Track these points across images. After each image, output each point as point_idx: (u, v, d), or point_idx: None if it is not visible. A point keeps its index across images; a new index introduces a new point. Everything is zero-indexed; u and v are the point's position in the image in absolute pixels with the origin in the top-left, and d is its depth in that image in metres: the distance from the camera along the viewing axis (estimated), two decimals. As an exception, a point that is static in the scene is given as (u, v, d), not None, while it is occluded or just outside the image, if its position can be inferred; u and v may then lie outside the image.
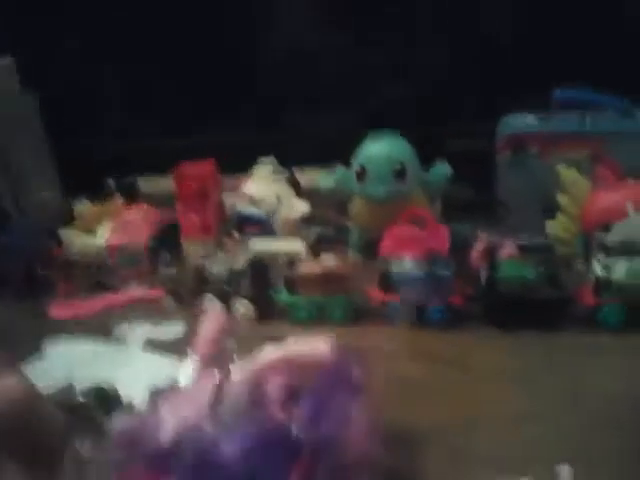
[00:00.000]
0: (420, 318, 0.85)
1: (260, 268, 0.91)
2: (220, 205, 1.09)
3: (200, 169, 1.06)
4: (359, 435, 0.56)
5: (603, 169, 0.84)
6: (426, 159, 1.00)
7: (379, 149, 0.97)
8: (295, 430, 0.53)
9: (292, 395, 0.57)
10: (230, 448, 0.50)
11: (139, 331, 0.90)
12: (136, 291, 1.00)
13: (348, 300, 0.88)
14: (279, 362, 0.59)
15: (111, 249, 1.02)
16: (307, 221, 1.10)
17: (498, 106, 1.02)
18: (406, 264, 0.85)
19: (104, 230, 1.05)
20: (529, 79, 1.06)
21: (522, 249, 0.89)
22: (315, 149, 1.14)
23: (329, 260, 0.88)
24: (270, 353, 0.60)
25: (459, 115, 1.12)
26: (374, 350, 0.76)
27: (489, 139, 1.00)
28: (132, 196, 1.18)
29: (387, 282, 0.85)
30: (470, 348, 0.80)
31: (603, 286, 0.78)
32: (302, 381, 0.58)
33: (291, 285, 0.89)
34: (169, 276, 0.98)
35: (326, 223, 1.14)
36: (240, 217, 1.05)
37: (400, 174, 0.96)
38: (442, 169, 1.00)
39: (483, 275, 0.83)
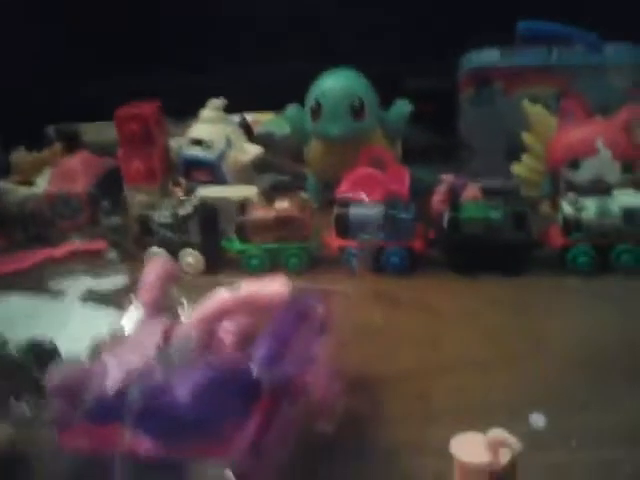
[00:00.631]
0: (379, 263, 0.80)
1: (208, 213, 0.85)
2: (165, 149, 1.03)
3: (142, 110, 0.99)
4: (321, 376, 0.54)
5: (569, 104, 0.80)
6: (385, 99, 0.95)
7: (335, 83, 0.92)
8: (253, 370, 0.49)
9: (247, 338, 0.55)
10: (181, 389, 0.47)
11: (79, 284, 0.85)
12: (76, 244, 0.94)
13: (304, 247, 0.83)
14: (232, 304, 0.56)
15: (49, 199, 0.96)
16: (261, 169, 1.06)
17: (461, 42, 0.97)
18: (363, 207, 0.80)
19: (42, 180, 0.99)
20: (494, 13, 1.01)
21: (487, 191, 0.85)
22: (269, 94, 1.09)
23: (283, 205, 0.83)
24: (222, 296, 0.56)
25: (419, 52, 1.07)
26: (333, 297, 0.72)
27: (451, 76, 0.96)
28: (73, 144, 1.13)
29: (344, 227, 0.80)
30: (433, 293, 0.77)
31: (572, 226, 0.75)
32: (258, 323, 0.56)
33: (243, 232, 0.83)
34: (111, 226, 0.93)
35: (281, 170, 1.10)
36: (187, 161, 0.99)
37: (358, 110, 0.90)
38: (402, 107, 0.95)
39: (445, 217, 0.79)
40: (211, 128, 0.99)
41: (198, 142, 0.98)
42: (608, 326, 0.68)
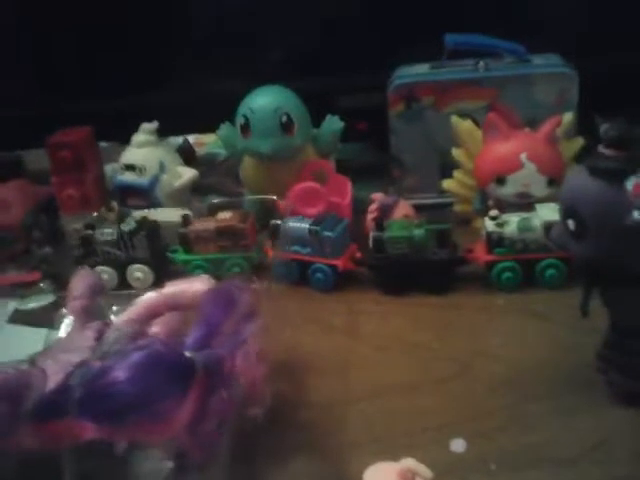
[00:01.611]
0: (304, 278, 0.81)
1: (152, 227, 0.87)
2: (100, 176, 1.02)
3: (74, 137, 0.99)
4: (250, 363, 0.56)
5: (494, 117, 0.79)
6: (318, 118, 0.95)
7: (263, 100, 0.90)
8: (187, 352, 0.52)
9: (177, 336, 0.58)
10: (118, 371, 0.49)
11: (7, 306, 0.85)
12: (11, 275, 0.93)
13: (246, 257, 0.85)
14: (158, 303, 0.61)
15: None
16: (203, 191, 1.05)
17: (393, 58, 0.98)
18: (292, 222, 0.81)
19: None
20: (424, 28, 1.01)
21: (421, 208, 0.86)
22: (206, 114, 1.07)
23: (225, 216, 0.86)
24: (148, 296, 0.61)
25: (350, 69, 1.06)
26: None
27: (383, 93, 0.95)
28: (16, 172, 1.10)
29: (276, 239, 0.83)
30: (358, 313, 0.77)
31: (495, 242, 0.75)
32: (184, 321, 0.60)
33: (186, 243, 0.85)
34: (43, 257, 0.91)
35: (222, 191, 1.10)
36: (121, 186, 0.98)
37: (287, 126, 0.89)
38: (333, 123, 0.94)
39: (371, 237, 0.79)
40: (144, 152, 0.98)
41: (131, 167, 0.97)
42: (534, 344, 0.68)
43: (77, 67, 1.17)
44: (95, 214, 0.96)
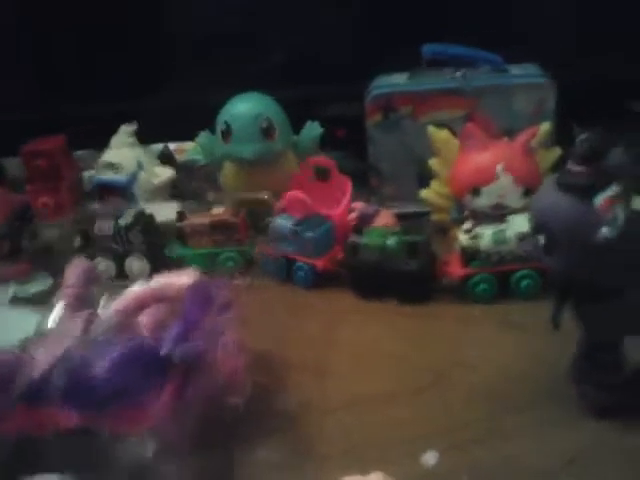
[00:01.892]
0: (288, 275, 0.84)
1: (149, 220, 0.89)
2: (74, 183, 1.02)
3: (48, 145, 0.99)
4: (228, 354, 0.58)
5: (471, 128, 0.79)
6: (296, 126, 0.96)
7: (244, 106, 0.93)
8: (164, 347, 0.54)
9: (163, 327, 0.59)
10: (99, 365, 0.52)
11: (4, 292, 0.87)
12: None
13: (239, 251, 0.87)
14: (145, 296, 0.63)
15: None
16: (181, 196, 1.05)
17: (371, 67, 0.98)
18: (279, 220, 0.84)
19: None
20: (403, 38, 1.02)
21: (401, 218, 0.87)
22: (186, 122, 1.07)
23: (218, 211, 0.89)
24: (136, 289, 0.63)
25: (329, 78, 1.07)
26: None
27: (362, 102, 0.95)
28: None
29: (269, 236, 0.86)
30: (336, 318, 0.78)
31: (470, 255, 0.75)
32: (171, 312, 0.62)
33: (182, 237, 0.88)
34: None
35: (200, 197, 1.10)
36: (99, 185, 0.99)
37: (267, 131, 0.91)
38: (313, 129, 0.96)
39: (347, 242, 0.80)
40: (122, 152, 0.99)
41: (110, 166, 0.97)
42: (508, 355, 0.68)
43: (57, 73, 1.17)
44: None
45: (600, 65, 1.02)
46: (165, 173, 1.02)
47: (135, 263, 0.87)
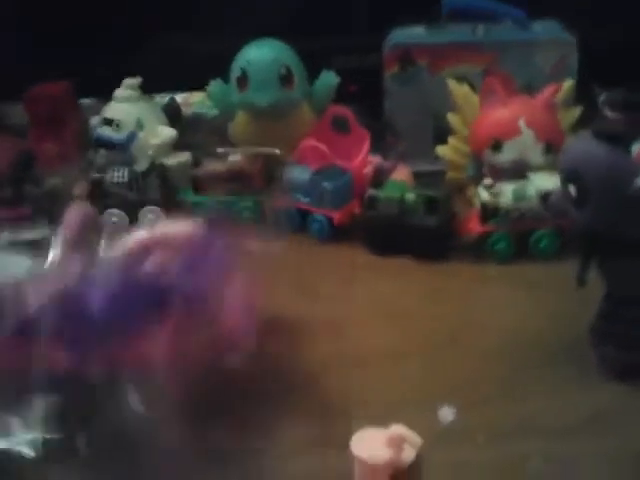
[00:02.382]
0: (303, 226, 0.83)
1: (164, 168, 0.89)
2: (79, 131, 1.00)
3: (52, 90, 0.97)
4: (233, 307, 0.57)
5: (492, 82, 0.78)
6: (311, 77, 0.94)
7: (262, 51, 0.90)
8: (165, 281, 0.54)
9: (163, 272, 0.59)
10: (95, 297, 0.52)
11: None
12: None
13: (255, 200, 0.86)
14: (149, 241, 0.61)
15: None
16: (186, 149, 1.04)
17: (387, 19, 0.96)
18: (297, 170, 0.83)
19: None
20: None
21: (418, 175, 0.85)
22: (195, 72, 1.06)
23: (235, 158, 0.88)
24: (139, 233, 0.62)
25: (345, 29, 1.05)
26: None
27: (377, 55, 0.94)
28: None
29: (285, 186, 0.85)
30: (350, 273, 0.77)
31: (489, 213, 0.74)
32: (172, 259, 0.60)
33: (197, 185, 0.87)
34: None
35: (207, 150, 1.08)
36: (97, 140, 0.96)
37: (286, 79, 0.89)
38: (328, 79, 0.93)
39: (366, 195, 0.79)
40: (123, 107, 0.95)
41: (109, 121, 0.95)
42: (525, 314, 0.68)
43: (66, 21, 1.14)
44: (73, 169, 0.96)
45: (621, 26, 1.01)
46: (166, 133, 0.99)
47: (149, 213, 0.86)
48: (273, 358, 0.63)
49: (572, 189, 0.53)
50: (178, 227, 0.63)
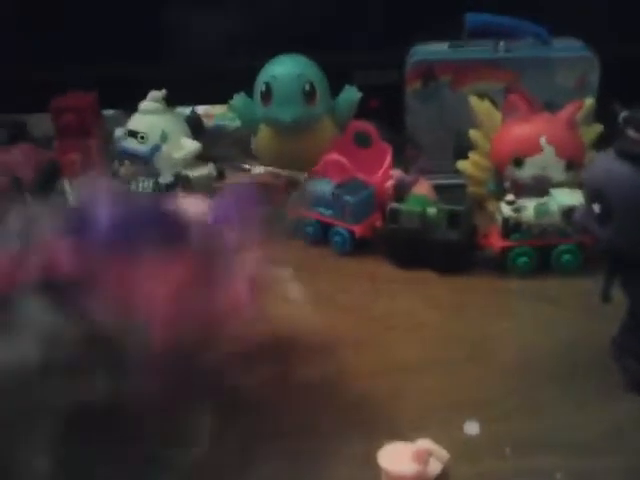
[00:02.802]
0: (324, 239, 0.85)
1: (187, 179, 0.91)
2: (102, 142, 1.02)
3: (78, 101, 0.99)
4: (242, 275, 0.55)
5: (514, 99, 0.80)
6: (332, 91, 0.95)
7: (286, 67, 0.91)
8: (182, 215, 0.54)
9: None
10: (106, 212, 0.50)
11: None
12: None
13: (277, 213, 0.86)
14: None
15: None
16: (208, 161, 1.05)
17: (409, 35, 0.97)
18: (320, 183, 0.85)
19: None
20: (443, 6, 1.01)
21: (439, 189, 0.86)
22: (216, 85, 1.07)
23: (259, 172, 0.92)
24: None
25: (366, 45, 1.06)
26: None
27: (399, 70, 0.95)
28: (19, 135, 1.10)
29: (306, 199, 0.86)
30: (371, 287, 0.78)
31: (511, 228, 0.75)
32: None
33: None
34: None
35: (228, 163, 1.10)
36: (122, 152, 0.98)
37: (310, 95, 0.90)
38: (351, 94, 0.94)
39: (387, 208, 0.80)
40: (148, 120, 0.97)
41: (134, 134, 0.96)
42: (547, 329, 0.69)
43: (87, 31, 1.16)
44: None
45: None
46: (190, 146, 1.00)
47: None
48: (293, 371, 0.64)
49: (595, 207, 0.54)
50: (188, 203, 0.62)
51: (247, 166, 1.00)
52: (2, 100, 1.11)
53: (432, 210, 0.78)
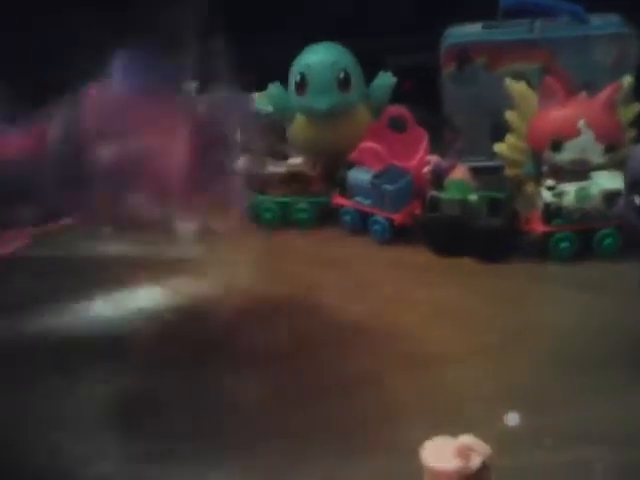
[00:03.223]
0: (364, 228, 0.86)
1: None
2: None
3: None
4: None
5: (551, 82, 0.79)
6: (367, 77, 0.95)
7: (320, 56, 0.92)
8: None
9: None
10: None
11: None
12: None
13: (313, 202, 0.90)
14: None
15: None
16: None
17: (442, 17, 0.97)
18: (359, 172, 0.86)
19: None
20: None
21: (475, 172, 0.86)
22: (253, 73, 1.07)
23: (295, 161, 0.92)
24: None
25: (399, 28, 1.06)
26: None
27: (434, 53, 0.95)
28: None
29: (343, 188, 0.87)
30: (407, 274, 0.78)
31: (552, 213, 0.75)
32: None
33: (259, 185, 0.91)
34: None
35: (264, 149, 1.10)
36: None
37: (344, 83, 0.91)
38: (385, 79, 0.94)
39: (428, 196, 0.81)
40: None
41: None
42: (589, 316, 0.69)
43: (117, 21, 1.17)
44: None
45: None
46: None
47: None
48: (333, 360, 0.65)
49: (636, 199, 0.54)
50: None
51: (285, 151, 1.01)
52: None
53: (473, 197, 0.78)
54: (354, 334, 0.69)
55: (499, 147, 0.88)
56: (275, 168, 0.91)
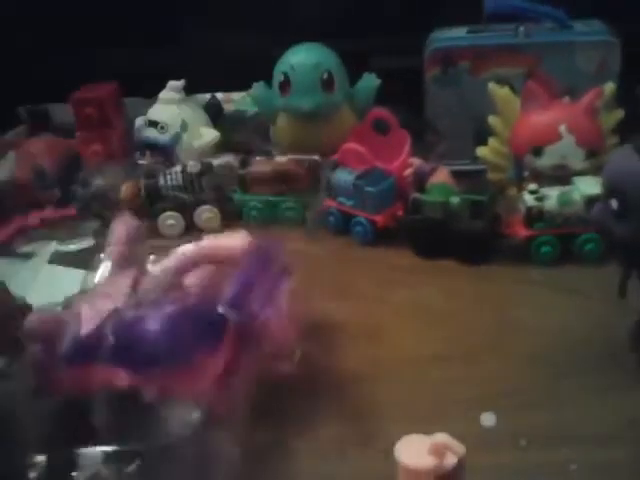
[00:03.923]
0: (346, 229, 0.86)
1: (216, 168, 0.93)
2: (124, 132, 1.03)
3: (98, 93, 1.01)
4: (282, 320, 0.58)
5: (533, 86, 0.80)
6: (351, 79, 0.97)
7: (304, 56, 0.93)
8: (220, 308, 0.55)
9: (212, 286, 0.61)
10: (152, 323, 0.53)
11: (47, 247, 0.90)
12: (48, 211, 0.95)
13: (299, 201, 0.90)
14: (194, 256, 0.63)
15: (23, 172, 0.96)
16: (228, 148, 1.06)
17: (428, 20, 0.98)
18: (342, 173, 0.86)
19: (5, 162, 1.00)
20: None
21: (457, 175, 0.87)
22: (236, 71, 1.08)
23: (282, 160, 0.92)
24: (185, 248, 0.64)
25: (384, 29, 1.07)
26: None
27: (418, 56, 0.96)
28: (43, 125, 1.13)
29: (327, 188, 0.88)
30: (391, 277, 0.79)
31: (535, 216, 0.76)
32: (218, 275, 0.62)
33: (244, 184, 0.92)
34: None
35: (249, 149, 1.11)
36: (143, 142, 1.00)
37: (328, 83, 0.93)
38: (370, 81, 0.96)
39: (410, 198, 0.82)
40: (168, 110, 0.99)
41: (154, 123, 0.98)
42: (570, 319, 0.70)
43: (106, 20, 1.17)
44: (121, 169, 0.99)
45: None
46: (209, 135, 1.02)
47: (205, 213, 0.91)
48: (313, 361, 0.65)
49: (613, 203, 0.55)
50: (224, 241, 0.65)
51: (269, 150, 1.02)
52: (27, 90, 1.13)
53: (455, 200, 0.79)
54: (334, 334, 0.70)
55: (482, 151, 0.90)
56: (261, 167, 0.91)
